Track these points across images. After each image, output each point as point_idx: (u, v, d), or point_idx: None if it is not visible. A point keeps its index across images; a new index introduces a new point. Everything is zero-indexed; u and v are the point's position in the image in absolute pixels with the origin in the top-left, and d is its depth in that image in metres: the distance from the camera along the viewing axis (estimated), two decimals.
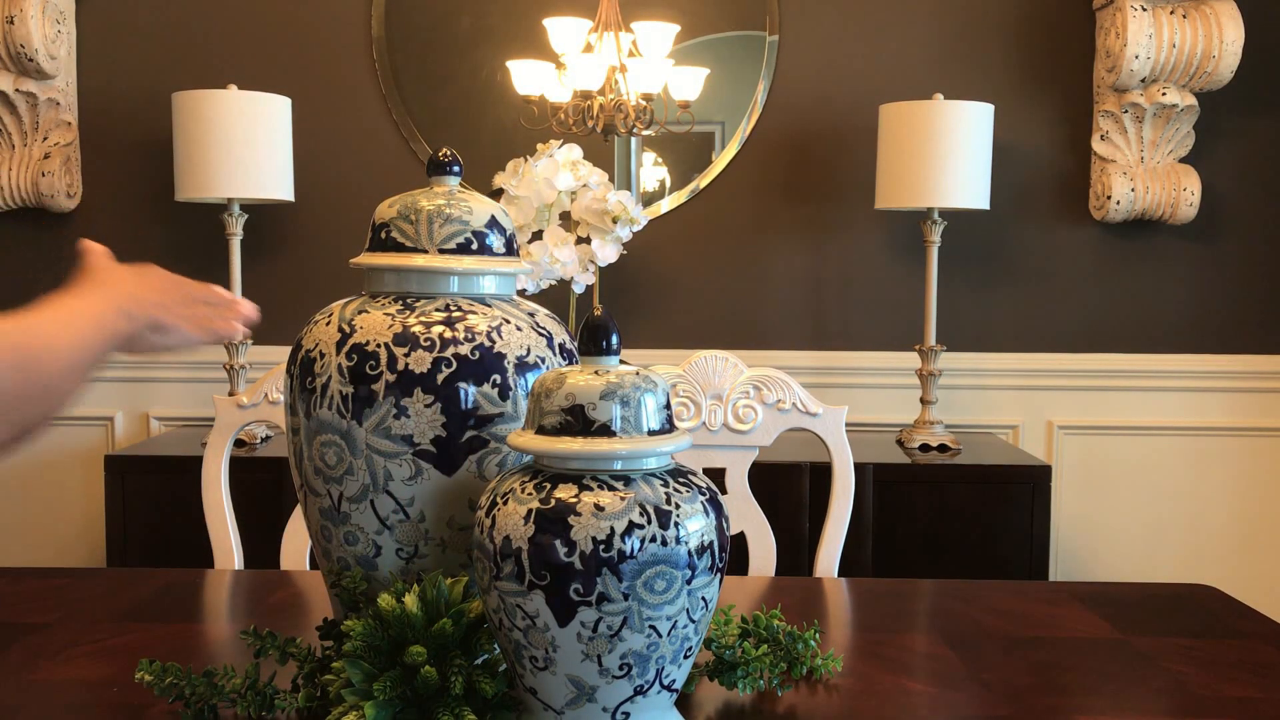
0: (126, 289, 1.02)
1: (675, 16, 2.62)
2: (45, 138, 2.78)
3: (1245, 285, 2.86)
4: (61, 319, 0.93)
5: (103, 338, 0.96)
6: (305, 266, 2.87)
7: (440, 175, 1.18)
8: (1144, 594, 1.60)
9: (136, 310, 1.01)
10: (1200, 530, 2.89)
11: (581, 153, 2.50)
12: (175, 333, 1.05)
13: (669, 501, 0.95)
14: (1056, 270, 2.86)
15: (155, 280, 1.06)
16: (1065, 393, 2.88)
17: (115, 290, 1.01)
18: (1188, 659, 1.28)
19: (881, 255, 2.86)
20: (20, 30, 2.62)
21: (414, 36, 2.86)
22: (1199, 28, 2.63)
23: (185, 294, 1.07)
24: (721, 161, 2.86)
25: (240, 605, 1.55)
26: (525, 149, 2.55)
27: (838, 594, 1.62)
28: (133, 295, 1.02)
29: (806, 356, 2.86)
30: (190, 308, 1.06)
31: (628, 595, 0.92)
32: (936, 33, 2.83)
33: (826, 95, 2.84)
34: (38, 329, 0.90)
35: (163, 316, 1.04)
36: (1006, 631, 1.38)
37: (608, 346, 1.00)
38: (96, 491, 2.78)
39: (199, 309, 1.07)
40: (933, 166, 2.53)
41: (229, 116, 2.52)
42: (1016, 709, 1.14)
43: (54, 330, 0.91)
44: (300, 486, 1.17)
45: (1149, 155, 2.77)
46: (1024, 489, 2.47)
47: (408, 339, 1.08)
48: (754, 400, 1.77)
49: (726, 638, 1.16)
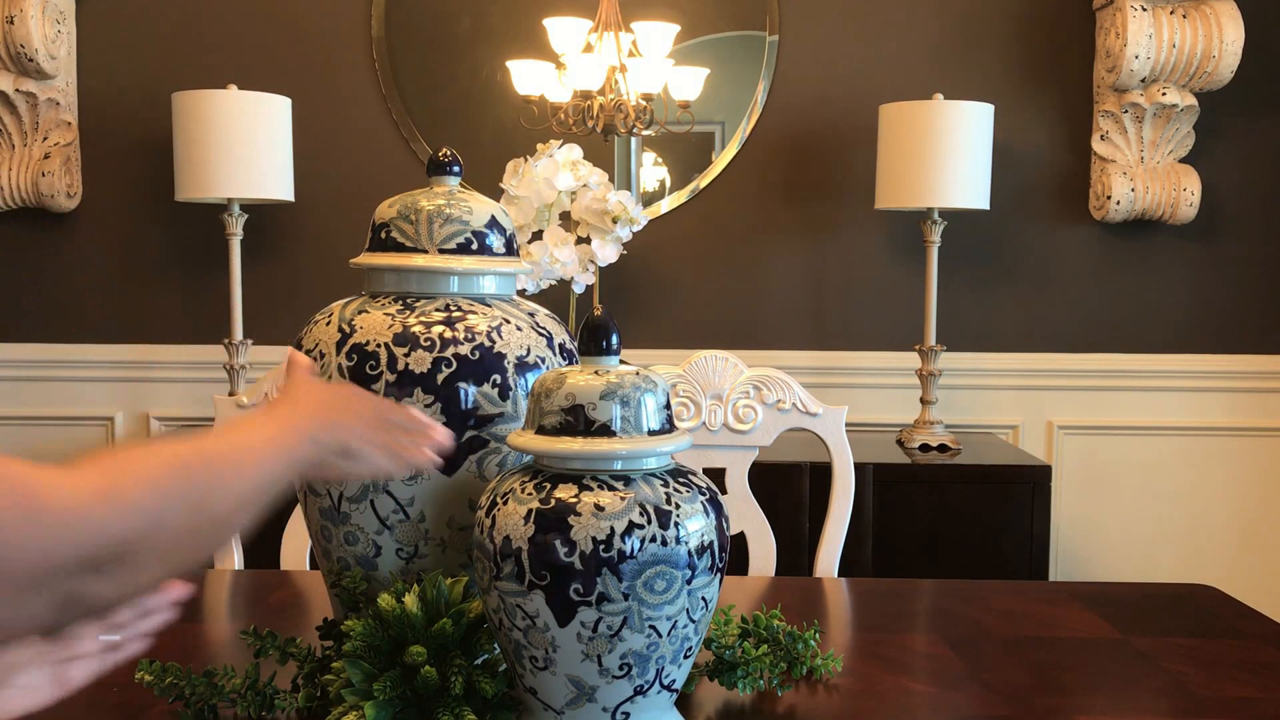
0: (319, 411, 0.95)
1: (675, 16, 2.62)
2: (45, 138, 2.78)
3: (1245, 285, 2.86)
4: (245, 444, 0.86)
5: (286, 466, 0.89)
6: (305, 266, 2.87)
7: (440, 175, 1.18)
8: (1144, 594, 1.60)
9: (326, 436, 0.94)
10: (1200, 530, 2.89)
11: (581, 153, 2.50)
12: (365, 460, 0.97)
13: (669, 501, 0.95)
14: (1056, 270, 2.86)
15: (350, 402, 0.99)
16: (1065, 393, 2.88)
17: (306, 412, 0.94)
18: (1188, 659, 1.28)
19: (881, 255, 2.86)
20: (20, 30, 2.62)
21: (414, 36, 2.86)
22: (1199, 28, 2.63)
23: (379, 418, 0.99)
24: (721, 161, 2.86)
25: (240, 605, 1.55)
26: (525, 149, 2.55)
27: (838, 594, 1.62)
28: (324, 418, 0.95)
29: (806, 356, 2.86)
30: (383, 433, 0.98)
31: (628, 595, 0.92)
32: (936, 33, 2.83)
33: (826, 95, 2.84)
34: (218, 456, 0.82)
35: (353, 442, 0.96)
36: (1006, 631, 1.38)
37: (608, 346, 1.00)
38: None
39: (392, 434, 0.99)
40: (933, 166, 2.53)
41: (229, 116, 2.52)
42: (1016, 709, 1.14)
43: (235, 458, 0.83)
44: (300, 487, 1.17)
45: (1149, 155, 2.77)
46: (1024, 489, 2.47)
47: (408, 339, 1.08)
48: (754, 400, 1.77)
49: (726, 638, 1.16)
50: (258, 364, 2.75)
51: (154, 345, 2.88)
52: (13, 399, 2.89)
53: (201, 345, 2.85)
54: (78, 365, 2.88)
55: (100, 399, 2.89)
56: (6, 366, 2.88)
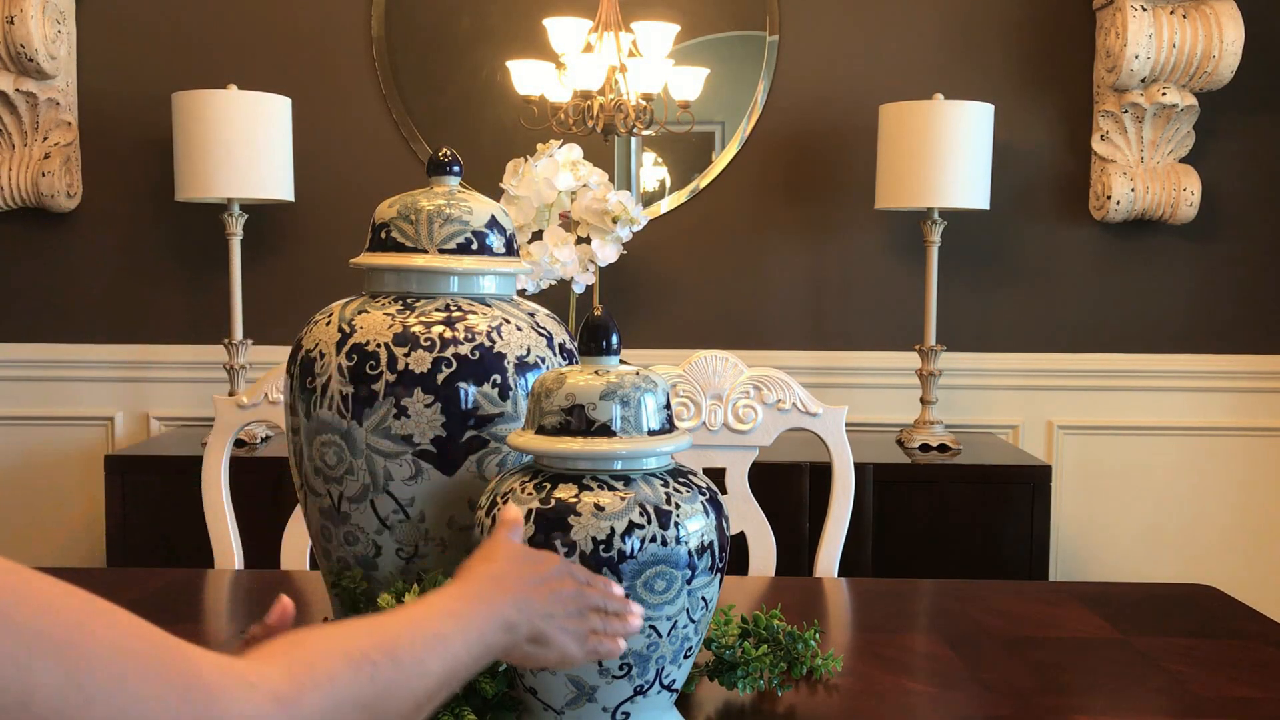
0: (519, 591, 0.85)
1: (675, 16, 2.62)
2: (45, 138, 2.78)
3: (1245, 285, 2.86)
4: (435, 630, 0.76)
5: (477, 658, 0.79)
6: (305, 266, 2.87)
7: (440, 175, 1.18)
8: (1144, 594, 1.60)
9: (524, 622, 0.84)
10: (1200, 530, 2.89)
11: (581, 153, 2.50)
12: (556, 648, 0.87)
13: (669, 501, 0.95)
14: (1056, 270, 2.86)
15: (552, 582, 0.88)
16: (1065, 393, 2.88)
17: (506, 592, 0.84)
18: (1188, 659, 1.28)
19: (881, 255, 2.86)
20: (20, 30, 2.62)
21: (414, 36, 2.86)
22: (1199, 28, 2.63)
23: (578, 600, 0.88)
24: (721, 161, 2.86)
25: (240, 605, 1.55)
26: (525, 149, 2.55)
27: (838, 594, 1.62)
28: (524, 601, 0.84)
29: (806, 356, 2.86)
30: (578, 620, 0.88)
31: (628, 595, 0.92)
32: (936, 33, 2.82)
33: (826, 95, 2.84)
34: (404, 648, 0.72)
35: (547, 629, 0.86)
36: (1006, 631, 1.38)
37: (608, 346, 1.00)
38: (96, 491, 2.78)
39: (587, 620, 0.89)
40: (933, 166, 2.53)
41: (229, 116, 2.52)
42: (1016, 709, 1.14)
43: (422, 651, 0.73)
44: (300, 486, 1.17)
45: (1149, 155, 2.77)
46: (1024, 489, 2.47)
47: (408, 339, 1.08)
48: (754, 400, 1.77)
49: (726, 638, 1.16)
50: (258, 364, 2.75)
51: (154, 345, 2.88)
52: (13, 399, 2.89)
53: (201, 345, 2.85)
54: (78, 365, 2.88)
55: (100, 399, 2.89)
56: (6, 366, 2.88)
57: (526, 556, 0.89)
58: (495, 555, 0.88)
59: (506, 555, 0.88)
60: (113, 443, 2.89)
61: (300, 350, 1.13)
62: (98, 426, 2.90)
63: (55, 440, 2.89)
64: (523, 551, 0.90)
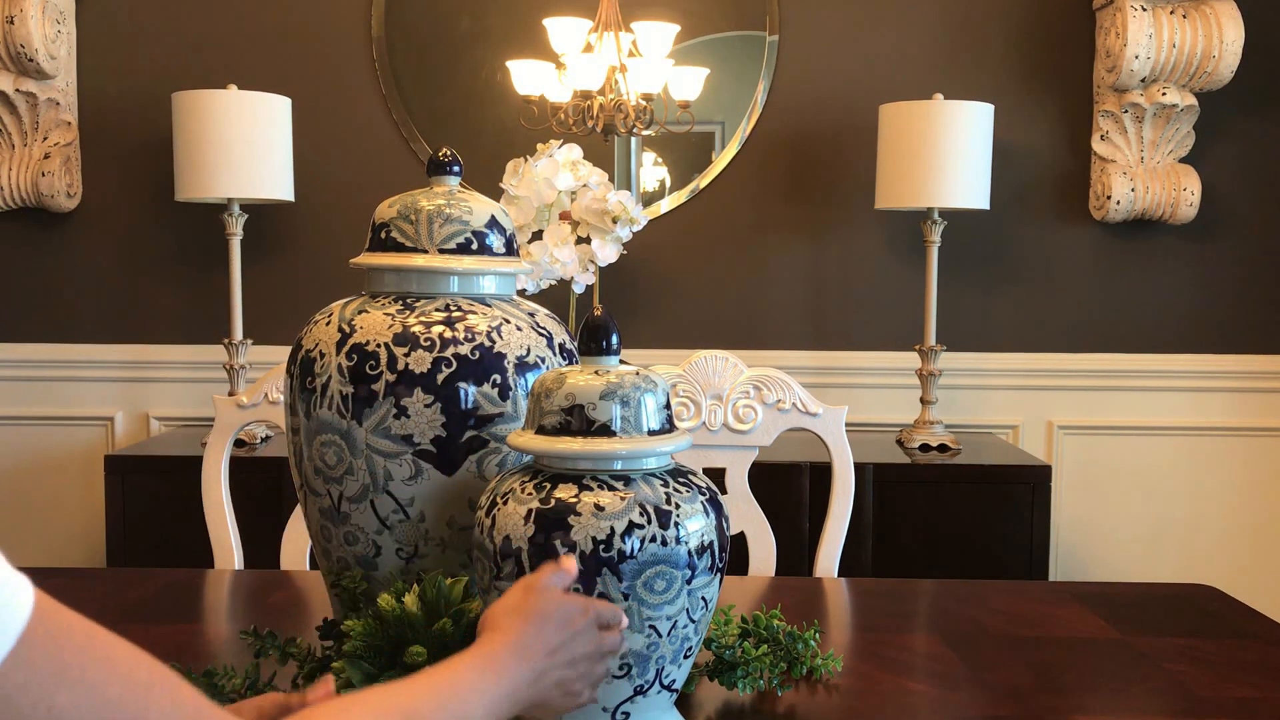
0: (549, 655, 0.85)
1: (675, 16, 2.62)
2: (45, 138, 2.78)
3: (1245, 285, 2.86)
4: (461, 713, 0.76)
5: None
6: (305, 266, 2.87)
7: (440, 175, 1.18)
8: (1144, 594, 1.60)
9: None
10: (1200, 530, 2.89)
11: (581, 153, 2.50)
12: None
13: (669, 501, 0.95)
14: (1056, 270, 2.86)
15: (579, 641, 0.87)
16: (1065, 393, 2.88)
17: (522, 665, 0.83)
18: (1188, 659, 1.28)
19: (881, 255, 2.86)
20: (20, 30, 2.62)
21: (414, 36, 2.86)
22: (1199, 28, 2.63)
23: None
24: (721, 161, 2.86)
25: (240, 605, 1.55)
26: (525, 149, 2.55)
27: (838, 594, 1.62)
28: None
29: (806, 356, 2.86)
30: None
31: (628, 595, 0.92)
32: (936, 33, 2.83)
33: (826, 95, 2.84)
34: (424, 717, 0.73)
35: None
36: (1006, 631, 1.38)
37: (608, 346, 1.00)
38: (96, 491, 2.78)
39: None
40: (933, 166, 2.53)
41: (229, 116, 2.52)
42: (1016, 709, 1.14)
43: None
44: (300, 486, 1.17)
45: (1149, 155, 2.77)
46: (1024, 489, 2.47)
47: (408, 339, 1.08)
48: (754, 400, 1.77)
49: (726, 638, 1.16)
50: (257, 364, 2.75)
51: (154, 345, 2.88)
52: (13, 399, 2.89)
53: (201, 345, 2.85)
54: (78, 365, 2.88)
55: (100, 399, 2.89)
56: (6, 366, 2.88)
57: (556, 616, 0.87)
58: (526, 610, 0.86)
59: (537, 614, 0.86)
60: (113, 443, 2.89)
61: (300, 350, 1.13)
62: (98, 426, 2.90)
63: (55, 440, 2.89)
64: (555, 608, 0.87)
